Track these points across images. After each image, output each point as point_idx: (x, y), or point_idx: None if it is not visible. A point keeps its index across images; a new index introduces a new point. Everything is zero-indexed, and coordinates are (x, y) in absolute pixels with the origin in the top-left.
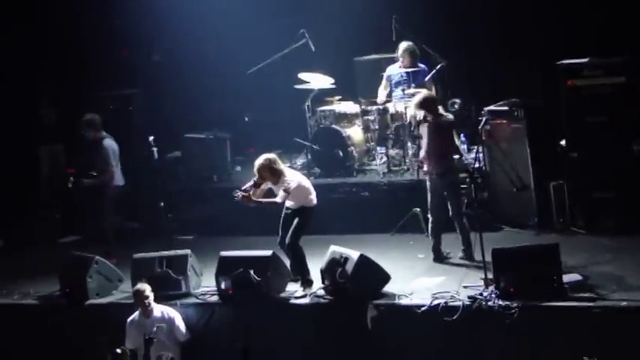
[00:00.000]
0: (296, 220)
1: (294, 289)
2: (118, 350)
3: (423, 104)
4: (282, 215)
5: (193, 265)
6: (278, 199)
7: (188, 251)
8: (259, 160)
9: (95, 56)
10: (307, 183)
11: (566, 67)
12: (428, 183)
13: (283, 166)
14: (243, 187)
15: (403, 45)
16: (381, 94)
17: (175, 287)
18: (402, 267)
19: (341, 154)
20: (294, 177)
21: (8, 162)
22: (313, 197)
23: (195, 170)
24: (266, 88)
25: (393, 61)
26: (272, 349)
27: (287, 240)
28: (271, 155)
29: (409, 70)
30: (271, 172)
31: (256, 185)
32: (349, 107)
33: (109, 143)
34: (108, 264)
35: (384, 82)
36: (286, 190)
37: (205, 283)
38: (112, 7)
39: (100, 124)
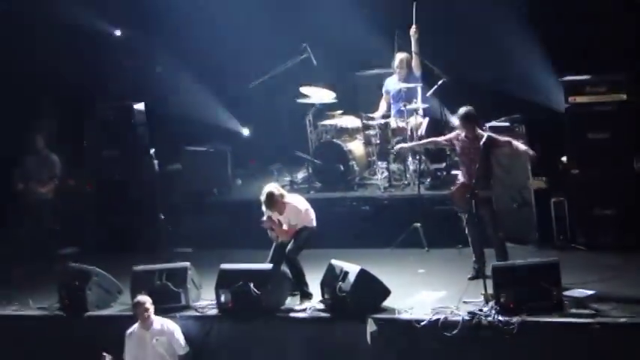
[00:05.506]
0: (298, 236)
1: (293, 302)
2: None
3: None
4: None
5: (193, 278)
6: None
7: (187, 264)
8: (267, 191)
9: (97, 67)
10: (307, 205)
11: (568, 84)
12: None
13: (285, 192)
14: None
15: (400, 56)
16: (382, 106)
17: (174, 300)
18: (402, 281)
19: (342, 168)
20: (297, 202)
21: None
22: (314, 219)
23: (196, 183)
24: (268, 102)
25: (392, 74)
26: None
27: (286, 253)
28: (275, 185)
29: (408, 85)
30: (279, 203)
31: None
32: (350, 122)
33: None
34: (108, 276)
35: (384, 95)
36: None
37: (205, 296)
38: (116, 17)
39: None
